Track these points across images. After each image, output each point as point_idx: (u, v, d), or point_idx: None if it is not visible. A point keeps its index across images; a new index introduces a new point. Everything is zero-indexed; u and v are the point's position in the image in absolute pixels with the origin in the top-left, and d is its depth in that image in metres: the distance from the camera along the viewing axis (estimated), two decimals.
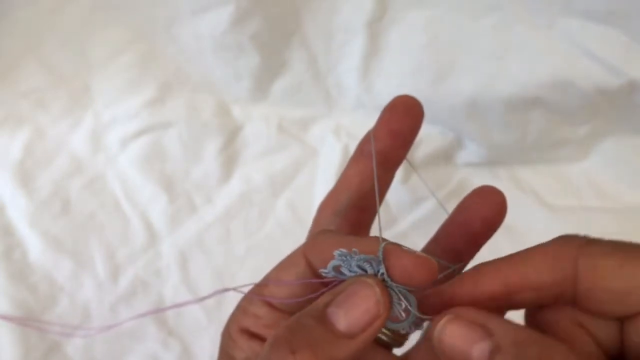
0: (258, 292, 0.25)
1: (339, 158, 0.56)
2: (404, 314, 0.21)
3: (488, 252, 0.27)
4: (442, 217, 0.28)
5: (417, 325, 0.22)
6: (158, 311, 0.48)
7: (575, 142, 0.56)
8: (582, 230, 0.21)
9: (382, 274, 0.21)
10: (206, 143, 0.58)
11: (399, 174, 0.29)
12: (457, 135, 0.57)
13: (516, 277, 0.20)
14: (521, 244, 0.22)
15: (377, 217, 0.25)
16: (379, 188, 0.26)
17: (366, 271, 0.21)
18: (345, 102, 0.59)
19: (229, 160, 0.57)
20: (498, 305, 0.21)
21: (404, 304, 0.21)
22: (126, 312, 0.48)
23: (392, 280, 0.21)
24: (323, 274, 0.21)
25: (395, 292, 0.21)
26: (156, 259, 0.52)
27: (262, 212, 0.55)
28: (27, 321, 0.46)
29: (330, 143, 0.58)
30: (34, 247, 0.51)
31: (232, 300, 0.25)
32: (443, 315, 0.20)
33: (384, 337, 0.26)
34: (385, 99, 0.27)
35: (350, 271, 0.21)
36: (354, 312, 0.20)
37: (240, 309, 0.25)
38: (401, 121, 0.26)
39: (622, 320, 0.20)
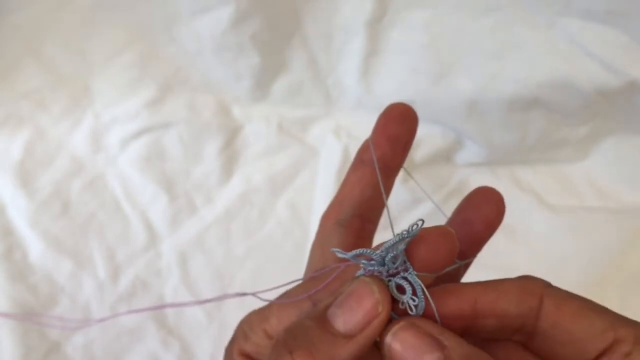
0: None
1: (339, 158, 0.56)
2: (414, 309, 0.21)
3: (488, 252, 0.28)
4: (442, 218, 0.28)
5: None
6: (160, 307, 0.48)
7: (575, 142, 0.56)
8: (582, 230, 0.21)
9: (396, 267, 0.21)
10: (206, 143, 0.58)
11: (399, 175, 0.29)
12: (457, 135, 0.57)
13: (486, 302, 0.21)
14: (521, 243, 0.22)
15: (383, 219, 0.26)
16: (381, 195, 0.27)
17: (384, 263, 0.21)
18: (345, 102, 0.59)
19: (229, 160, 0.57)
20: (459, 327, 0.21)
21: (413, 298, 0.21)
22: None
23: (412, 263, 0.21)
24: (338, 254, 0.21)
25: (410, 283, 0.21)
26: (156, 259, 0.52)
27: (262, 212, 0.55)
28: (25, 317, 0.46)
29: (330, 143, 0.58)
30: (34, 247, 0.51)
31: (232, 301, 0.25)
32: (396, 323, 0.20)
33: None
34: (386, 99, 0.27)
35: (367, 262, 0.21)
36: (351, 312, 0.20)
37: (243, 333, 0.25)
38: (398, 128, 0.27)
39: None
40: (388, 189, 0.28)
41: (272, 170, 0.57)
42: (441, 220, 0.28)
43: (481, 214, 0.26)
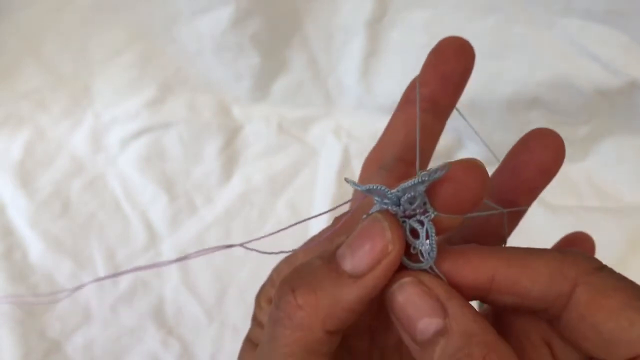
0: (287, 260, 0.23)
1: (339, 158, 0.56)
2: (427, 255, 0.19)
3: None
4: (493, 163, 0.26)
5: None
6: (137, 270, 0.48)
7: (575, 142, 0.56)
8: (582, 230, 0.20)
9: (413, 208, 0.18)
10: (206, 143, 0.58)
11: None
12: (457, 135, 0.57)
13: (505, 278, 0.18)
14: (521, 243, 0.21)
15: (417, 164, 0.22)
16: (429, 138, 0.24)
17: (399, 203, 0.18)
18: (346, 102, 0.59)
19: (229, 160, 0.57)
20: (470, 294, 0.19)
21: (426, 243, 0.18)
22: (126, 312, 0.48)
23: (433, 201, 0.18)
24: (352, 185, 0.19)
25: (424, 227, 0.18)
26: (156, 259, 0.52)
27: (262, 212, 0.55)
28: (6, 298, 0.46)
29: (330, 143, 0.58)
30: (34, 247, 0.51)
31: (232, 301, 0.25)
32: (405, 275, 0.18)
33: None
34: (385, 99, 0.27)
35: (381, 199, 0.19)
36: (360, 250, 0.18)
37: (271, 280, 0.24)
38: (450, 63, 0.24)
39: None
40: (438, 131, 0.25)
41: (272, 170, 0.57)
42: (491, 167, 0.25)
43: (536, 158, 0.23)
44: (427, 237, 0.18)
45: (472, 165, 0.18)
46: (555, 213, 0.54)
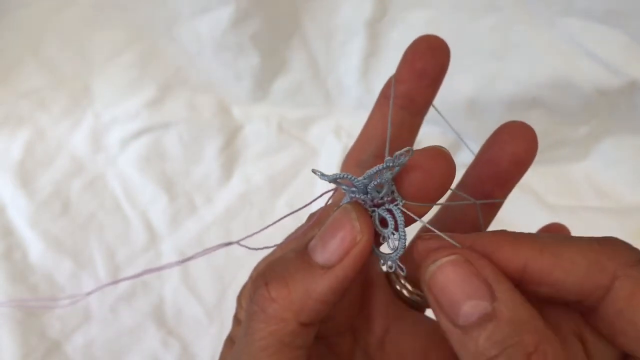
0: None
1: (339, 158, 0.56)
2: (393, 245, 0.18)
3: None
4: (468, 156, 0.26)
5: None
6: (141, 275, 0.48)
7: (575, 142, 0.56)
8: (582, 230, 0.20)
9: (381, 196, 0.18)
10: (206, 143, 0.58)
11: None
12: (457, 135, 0.57)
13: (538, 269, 0.17)
14: None
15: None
16: (407, 133, 0.25)
17: (367, 191, 0.19)
18: (345, 102, 0.59)
19: (229, 160, 0.57)
20: None
21: (396, 234, 0.18)
22: (126, 311, 0.48)
23: (401, 190, 0.18)
24: (319, 176, 0.19)
25: (393, 216, 0.18)
26: (156, 259, 0.52)
27: (262, 212, 0.55)
28: (17, 303, 0.46)
29: (330, 143, 0.58)
30: (35, 247, 0.51)
31: (232, 301, 0.25)
32: (446, 252, 0.17)
33: (407, 295, 0.24)
34: None
35: (348, 188, 0.19)
36: (330, 242, 0.18)
37: (250, 279, 0.24)
38: (426, 60, 0.23)
39: (628, 356, 0.18)
40: (415, 128, 0.25)
41: (272, 170, 0.57)
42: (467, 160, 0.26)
43: (509, 150, 0.23)
44: (396, 227, 0.18)
45: (438, 153, 0.18)
46: (556, 213, 0.54)
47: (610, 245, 0.18)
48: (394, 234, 0.18)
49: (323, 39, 0.57)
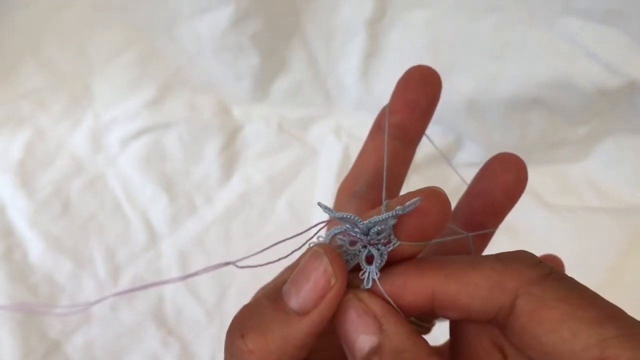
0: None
1: (339, 158, 0.56)
2: (366, 280, 0.19)
3: (489, 251, 0.27)
4: (461, 187, 0.27)
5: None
6: (140, 289, 0.48)
7: (575, 142, 0.56)
8: (582, 230, 0.20)
9: (379, 238, 0.19)
10: (206, 143, 0.58)
11: None
12: (457, 135, 0.57)
13: (444, 295, 0.18)
14: (522, 244, 0.21)
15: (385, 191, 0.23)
16: (400, 164, 0.25)
17: (368, 233, 0.19)
18: (345, 102, 0.59)
19: (229, 160, 0.57)
20: (415, 312, 0.19)
21: (369, 268, 0.19)
22: (126, 312, 0.48)
23: (397, 230, 0.18)
24: (323, 210, 0.19)
25: (381, 254, 0.19)
26: (156, 259, 0.52)
27: (262, 212, 0.55)
28: (25, 308, 0.46)
29: (330, 143, 0.58)
30: (35, 247, 0.51)
31: (232, 301, 0.25)
32: (348, 293, 0.19)
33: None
34: (386, 99, 0.27)
35: (352, 227, 0.19)
36: (304, 288, 0.18)
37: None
38: (418, 91, 0.24)
39: None
40: (408, 158, 0.26)
41: (272, 170, 0.57)
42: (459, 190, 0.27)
43: (499, 182, 0.24)
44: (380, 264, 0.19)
45: (435, 195, 0.18)
46: (555, 213, 0.54)
47: (514, 263, 0.18)
48: (377, 274, 0.19)
49: (323, 39, 0.57)
